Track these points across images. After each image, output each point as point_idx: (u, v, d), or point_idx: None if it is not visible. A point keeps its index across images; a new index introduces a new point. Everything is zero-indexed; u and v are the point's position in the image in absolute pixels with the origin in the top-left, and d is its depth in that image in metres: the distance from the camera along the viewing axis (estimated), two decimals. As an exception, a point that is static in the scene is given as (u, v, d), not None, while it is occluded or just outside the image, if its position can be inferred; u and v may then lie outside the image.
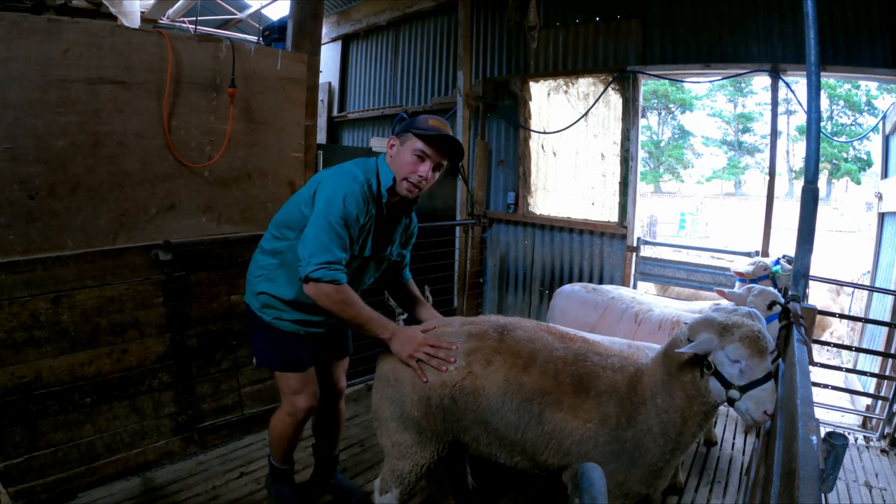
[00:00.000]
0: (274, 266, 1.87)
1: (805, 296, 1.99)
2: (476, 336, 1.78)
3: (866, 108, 22.28)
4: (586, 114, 4.44)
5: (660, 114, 28.28)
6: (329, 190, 1.71)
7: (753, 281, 3.17)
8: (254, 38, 5.22)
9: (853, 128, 22.31)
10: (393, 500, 1.88)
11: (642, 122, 4.52)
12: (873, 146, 18.21)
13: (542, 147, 4.83)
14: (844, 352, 5.39)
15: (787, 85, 3.76)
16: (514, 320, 1.87)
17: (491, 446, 1.78)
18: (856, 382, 4.41)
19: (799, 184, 10.89)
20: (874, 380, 3.88)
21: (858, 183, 22.14)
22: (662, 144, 27.87)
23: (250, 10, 6.57)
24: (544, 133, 4.75)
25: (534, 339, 1.77)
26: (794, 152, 26.30)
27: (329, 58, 6.76)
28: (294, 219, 1.82)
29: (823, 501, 1.00)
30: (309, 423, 2.15)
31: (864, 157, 21.32)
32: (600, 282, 4.47)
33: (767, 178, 3.93)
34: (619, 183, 4.36)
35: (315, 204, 1.72)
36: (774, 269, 3.19)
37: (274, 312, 1.89)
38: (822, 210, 6.96)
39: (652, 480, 1.68)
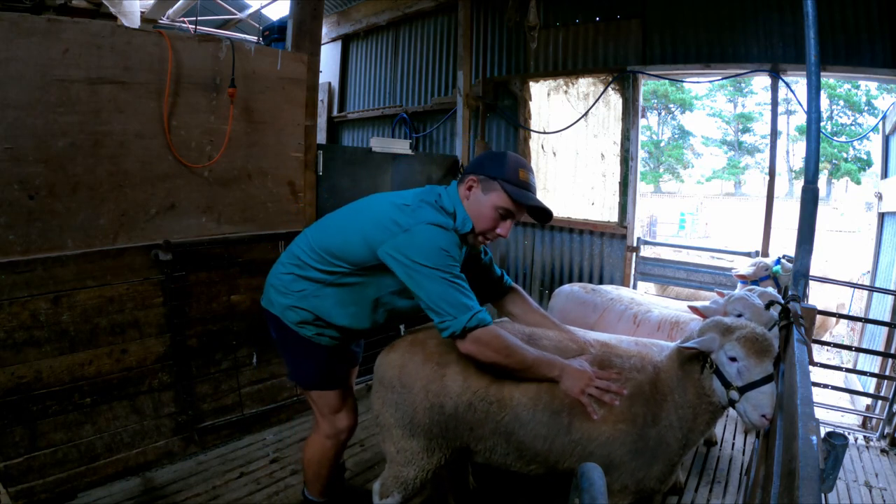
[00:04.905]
0: (319, 286, 1.74)
1: (805, 296, 1.99)
2: None
3: (866, 108, 22.33)
4: (586, 114, 4.44)
5: (660, 114, 28.32)
6: (426, 243, 1.57)
7: (755, 282, 3.17)
8: (254, 38, 5.22)
9: (853, 128, 22.35)
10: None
11: (642, 122, 4.51)
12: (873, 146, 18.24)
13: (542, 147, 4.83)
14: (844, 352, 5.38)
15: (787, 85, 3.76)
16: (537, 328, 1.85)
17: (508, 457, 1.75)
18: (856, 382, 4.40)
19: (799, 184, 10.87)
20: (874, 380, 3.87)
21: (858, 183, 22.19)
22: (662, 144, 27.92)
23: (250, 10, 6.57)
24: (544, 133, 4.75)
25: (560, 348, 1.76)
26: (794, 152, 26.36)
27: (329, 58, 6.75)
28: (357, 254, 1.67)
29: (823, 501, 0.99)
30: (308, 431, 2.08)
31: (864, 157, 21.36)
32: (600, 282, 4.47)
33: (767, 178, 3.93)
34: (619, 183, 4.36)
35: (405, 256, 1.57)
36: (775, 269, 3.19)
37: (315, 329, 1.78)
38: (822, 210, 6.93)
39: (667, 476, 1.70)
